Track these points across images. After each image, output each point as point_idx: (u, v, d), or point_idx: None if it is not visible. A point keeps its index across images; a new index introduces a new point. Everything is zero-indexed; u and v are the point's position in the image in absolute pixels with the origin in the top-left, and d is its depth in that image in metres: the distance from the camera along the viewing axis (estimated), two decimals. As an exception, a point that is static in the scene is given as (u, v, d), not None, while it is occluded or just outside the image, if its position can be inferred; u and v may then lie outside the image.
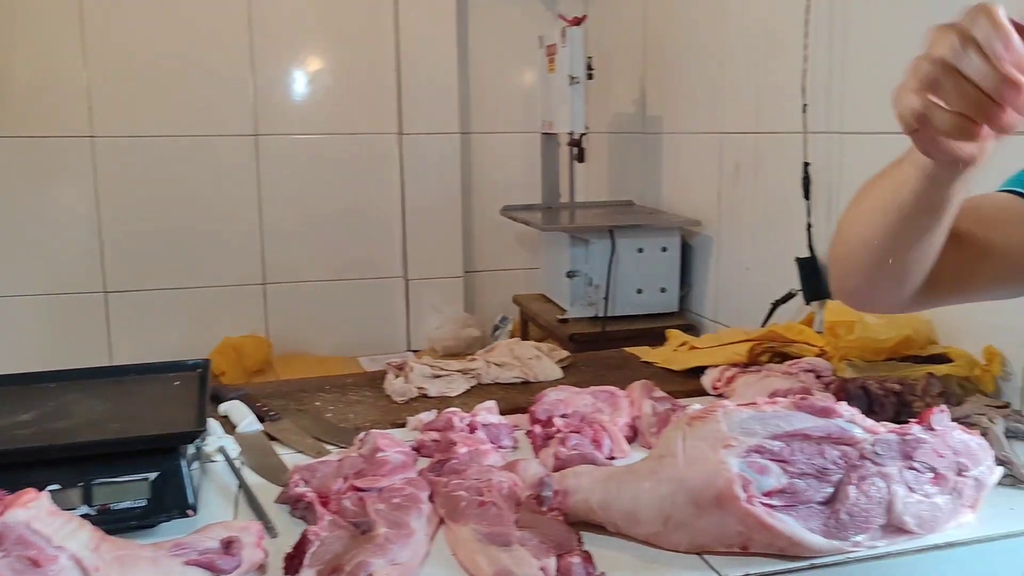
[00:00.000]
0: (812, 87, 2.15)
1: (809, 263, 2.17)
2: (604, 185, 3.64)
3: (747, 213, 2.54)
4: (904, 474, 1.15)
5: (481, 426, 1.49)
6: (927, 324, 1.83)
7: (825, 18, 2.11)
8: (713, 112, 2.69)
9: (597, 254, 2.76)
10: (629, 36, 3.29)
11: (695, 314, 2.88)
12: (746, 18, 2.51)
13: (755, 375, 1.72)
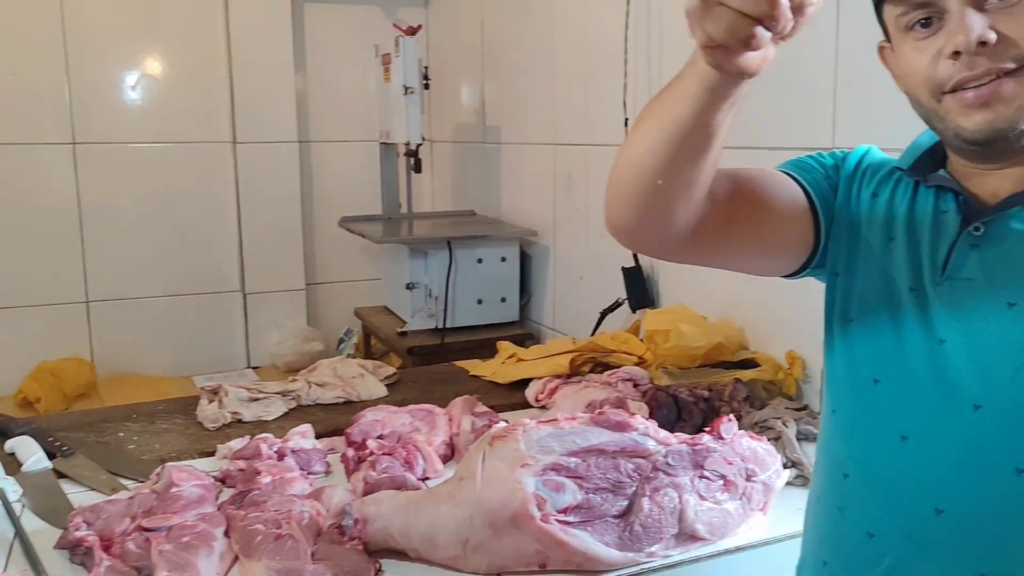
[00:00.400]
0: (633, 102, 2.21)
1: (634, 272, 2.23)
2: (449, 194, 3.63)
3: (579, 223, 2.59)
4: (696, 483, 1.19)
5: (291, 452, 1.44)
6: (738, 331, 1.91)
7: (644, 35, 2.18)
8: (547, 123, 2.73)
9: (436, 265, 2.74)
10: (468, 46, 3.30)
11: (535, 323, 2.91)
12: (573, 32, 2.56)
13: (575, 386, 1.75)
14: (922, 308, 0.84)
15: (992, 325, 0.80)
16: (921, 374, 0.83)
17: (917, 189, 0.90)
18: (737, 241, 0.92)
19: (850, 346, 0.91)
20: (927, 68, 0.79)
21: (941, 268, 0.84)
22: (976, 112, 0.77)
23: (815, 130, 1.69)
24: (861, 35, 1.59)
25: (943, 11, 0.77)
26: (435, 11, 3.65)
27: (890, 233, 0.90)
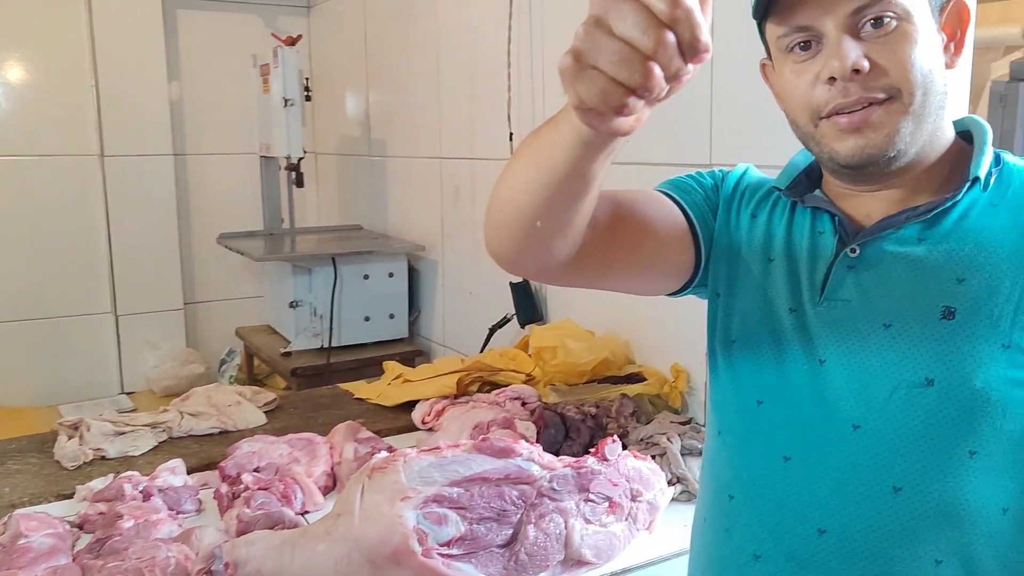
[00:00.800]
0: (518, 116, 2.20)
1: (522, 288, 2.22)
2: (334, 208, 3.54)
3: (467, 237, 2.57)
4: (581, 507, 1.18)
5: (159, 491, 1.35)
6: (624, 345, 1.93)
7: (526, 51, 2.18)
8: (433, 136, 2.69)
9: (321, 282, 2.66)
10: (352, 56, 3.22)
11: (425, 339, 2.87)
12: (457, 45, 2.53)
13: (462, 407, 1.72)
14: (802, 329, 0.85)
15: (869, 346, 0.81)
16: (802, 395, 0.84)
17: (794, 209, 0.92)
18: (618, 265, 0.91)
19: (733, 368, 0.91)
20: (805, 92, 0.80)
21: (820, 289, 0.85)
22: (849, 138, 0.79)
23: (693, 147, 1.72)
24: (734, 54, 1.63)
25: (821, 35, 0.78)
26: (316, 20, 3.56)
27: (769, 254, 0.91)
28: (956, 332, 0.77)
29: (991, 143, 0.84)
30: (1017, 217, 0.80)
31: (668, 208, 0.93)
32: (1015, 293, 0.77)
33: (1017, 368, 0.76)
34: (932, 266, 0.80)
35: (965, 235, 0.80)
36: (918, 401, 0.78)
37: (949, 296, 0.78)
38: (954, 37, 0.82)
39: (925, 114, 0.78)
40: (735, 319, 0.92)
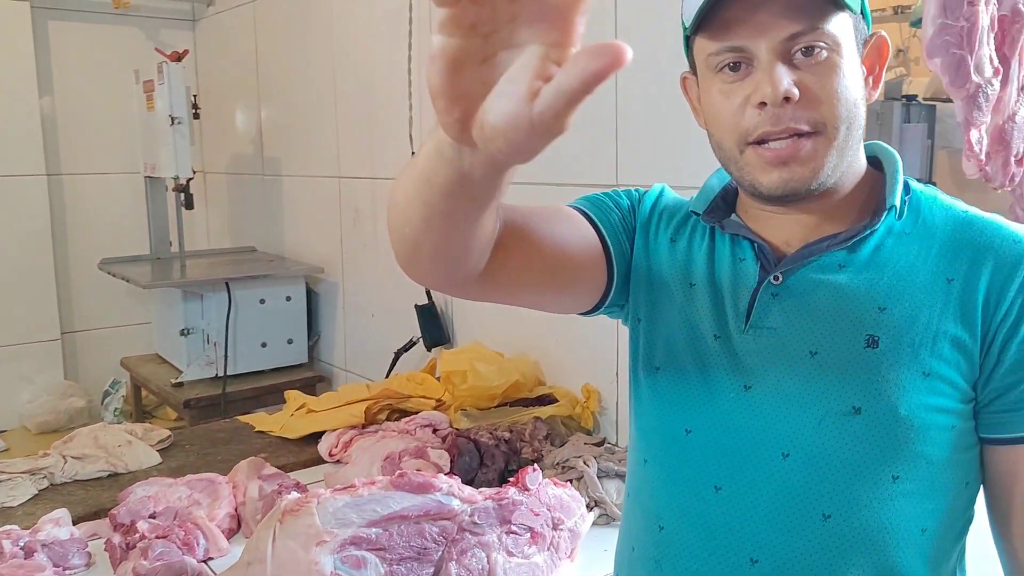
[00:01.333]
0: (419, 135, 2.17)
1: (428, 310, 2.18)
2: (226, 230, 3.40)
3: (369, 259, 2.51)
4: (504, 539, 1.15)
5: (42, 546, 1.24)
6: (535, 366, 1.91)
7: (427, 69, 2.14)
8: (331, 155, 2.62)
9: (214, 308, 2.54)
10: (242, 72, 3.11)
11: (326, 364, 2.78)
12: (354, 62, 2.48)
13: (372, 437, 1.66)
14: (728, 356, 0.85)
15: (797, 374, 0.81)
16: (731, 423, 0.84)
17: (714, 234, 0.91)
18: (530, 283, 0.88)
19: (659, 395, 0.90)
20: (734, 114, 0.80)
21: (745, 317, 0.85)
22: (774, 171, 0.79)
23: (599, 167, 1.72)
24: (641, 72, 1.65)
25: (753, 58, 0.78)
26: (202, 34, 3.42)
27: (691, 279, 0.90)
28: (880, 361, 0.78)
29: (901, 171, 0.86)
30: (929, 246, 0.82)
31: (582, 226, 0.92)
32: (932, 322, 0.78)
33: (936, 395, 0.78)
34: (854, 294, 0.81)
35: (884, 264, 0.82)
36: (846, 429, 0.79)
37: (872, 325, 0.79)
38: (873, 71, 0.83)
39: (847, 147, 0.80)
40: (659, 345, 0.91)
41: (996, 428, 0.79)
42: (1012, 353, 0.77)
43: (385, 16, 2.27)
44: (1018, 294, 0.77)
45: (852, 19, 0.79)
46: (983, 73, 1.53)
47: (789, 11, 0.76)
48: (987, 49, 1.53)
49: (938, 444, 0.78)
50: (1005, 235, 0.80)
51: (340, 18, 2.50)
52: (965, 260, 0.80)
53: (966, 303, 0.78)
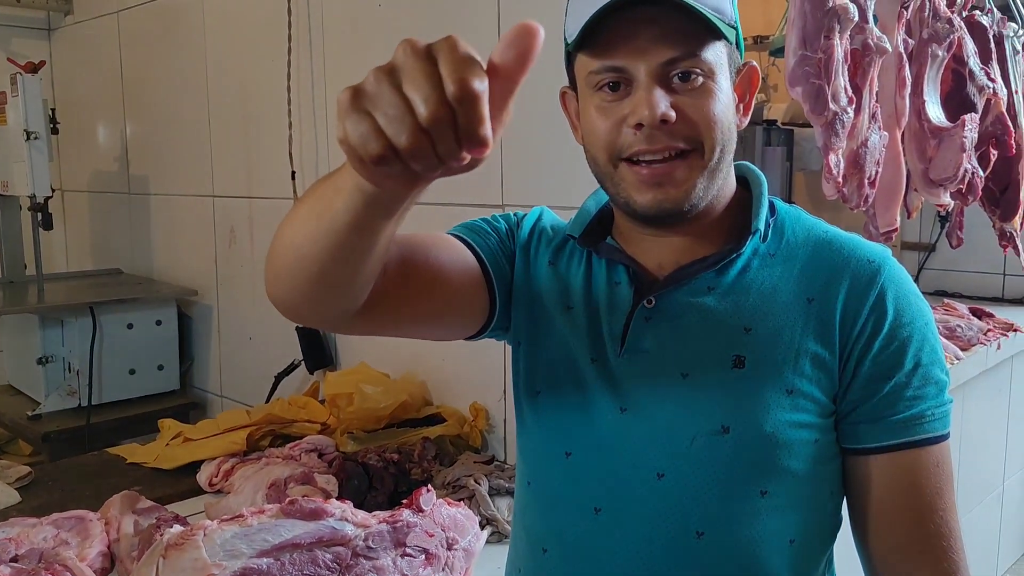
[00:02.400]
0: (299, 154, 2.13)
1: (310, 331, 2.13)
2: (88, 251, 3.21)
3: (246, 280, 2.43)
4: (399, 563, 1.13)
5: None
6: (421, 386, 1.90)
7: (307, 85, 2.11)
8: (204, 173, 2.53)
9: (76, 335, 2.39)
10: (105, 85, 2.96)
11: (200, 390, 2.66)
12: (229, 77, 2.41)
13: (254, 464, 1.60)
14: (605, 379, 0.87)
15: (669, 395, 0.84)
16: (608, 445, 0.85)
17: (590, 257, 0.93)
18: (411, 313, 0.88)
19: (540, 418, 0.91)
20: (610, 132, 0.82)
21: (620, 340, 0.87)
22: (649, 190, 0.81)
23: (484, 188, 1.74)
24: (523, 95, 1.68)
25: (632, 79, 0.80)
26: (59, 44, 3.23)
27: (568, 302, 0.92)
28: (746, 380, 0.82)
29: (766, 194, 0.90)
30: (791, 267, 0.86)
31: (461, 253, 0.92)
32: (794, 341, 0.83)
33: (799, 411, 0.82)
34: (721, 316, 0.85)
35: (749, 286, 0.86)
36: (716, 448, 0.82)
37: (738, 345, 0.83)
38: (744, 99, 0.88)
39: (719, 170, 0.83)
40: (539, 369, 0.92)
41: (852, 439, 0.85)
42: (866, 368, 0.83)
43: (262, 27, 2.21)
44: (871, 312, 0.83)
45: (727, 48, 0.83)
46: (839, 102, 1.64)
47: (668, 36, 0.79)
48: (842, 80, 1.65)
49: (802, 458, 0.83)
50: (860, 255, 0.86)
51: (213, 29, 2.42)
52: (823, 280, 0.85)
53: (825, 321, 0.83)
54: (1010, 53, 2.31)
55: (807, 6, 1.63)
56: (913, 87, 1.94)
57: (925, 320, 0.85)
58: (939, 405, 0.83)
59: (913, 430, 0.83)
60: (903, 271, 0.87)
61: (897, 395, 0.82)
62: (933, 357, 0.84)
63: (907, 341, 0.83)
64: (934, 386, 0.83)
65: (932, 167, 1.96)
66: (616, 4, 0.77)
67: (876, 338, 0.82)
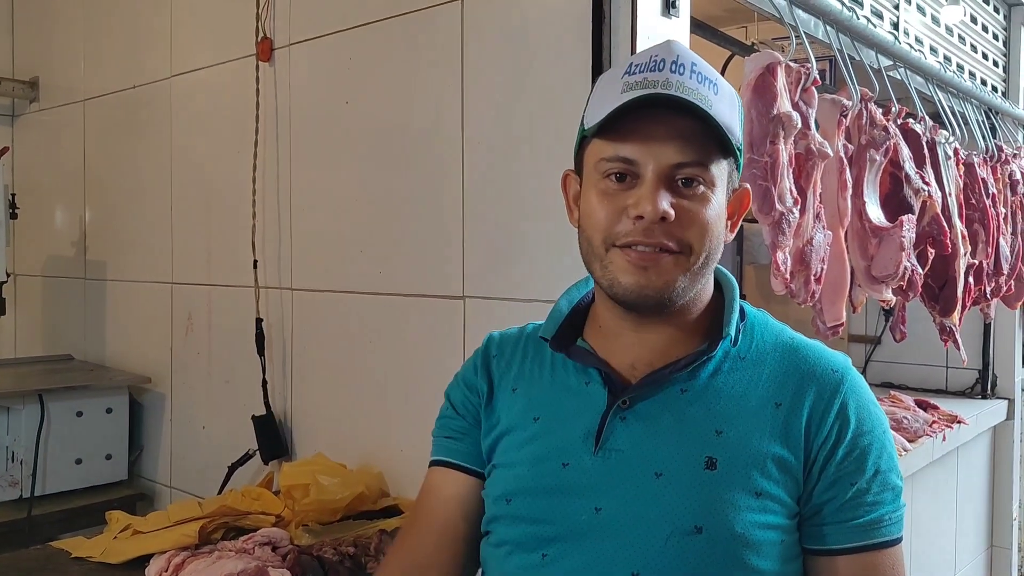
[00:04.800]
0: (262, 243, 2.15)
1: (266, 421, 2.11)
2: (38, 337, 3.15)
3: (202, 368, 2.40)
4: (356, 660, 1.11)
5: None
6: (378, 477, 1.88)
7: (272, 176, 2.15)
8: (163, 260, 2.53)
9: (23, 423, 2.33)
10: (67, 171, 2.96)
11: (148, 480, 2.59)
12: (193, 167, 2.44)
13: (206, 558, 1.56)
14: (579, 480, 0.89)
15: (643, 495, 0.86)
16: (584, 545, 0.87)
17: (554, 361, 0.97)
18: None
19: (512, 527, 0.93)
20: (609, 218, 0.87)
21: (595, 439, 0.89)
22: (635, 273, 0.86)
23: (446, 280, 1.77)
24: (486, 186, 1.74)
25: (640, 174, 0.85)
26: (24, 130, 3.25)
27: (535, 414, 0.95)
28: (718, 482, 0.85)
29: (738, 299, 0.96)
30: (760, 372, 0.91)
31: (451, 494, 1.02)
32: (763, 444, 0.87)
33: (767, 513, 0.85)
34: (694, 418, 0.88)
35: (721, 388, 0.90)
36: (689, 548, 0.84)
37: (711, 447, 0.87)
38: (732, 217, 0.94)
39: (701, 274, 0.88)
40: (511, 481, 0.94)
41: (817, 540, 0.88)
42: (830, 473, 0.87)
43: (229, 119, 2.26)
44: (835, 420, 0.87)
45: (729, 167, 0.89)
46: (785, 203, 1.73)
47: (683, 142, 0.84)
48: (787, 182, 1.74)
49: (770, 557, 0.86)
50: (824, 364, 0.91)
51: (180, 119, 2.46)
52: (791, 386, 0.89)
53: (791, 427, 0.87)
54: (943, 158, 2.46)
55: (754, 113, 1.73)
56: (854, 189, 2.05)
57: (883, 429, 0.90)
58: (895, 510, 0.88)
59: (873, 533, 0.87)
60: (863, 381, 0.92)
61: (859, 500, 0.87)
62: (891, 464, 0.89)
63: (868, 449, 0.87)
64: (891, 491, 0.88)
65: (874, 264, 2.05)
66: (643, 101, 0.83)
67: (840, 445, 0.87)
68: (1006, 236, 2.89)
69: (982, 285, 2.73)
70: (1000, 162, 2.94)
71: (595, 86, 0.91)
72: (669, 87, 0.84)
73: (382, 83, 1.90)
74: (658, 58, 0.86)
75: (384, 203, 1.91)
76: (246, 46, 2.18)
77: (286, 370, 2.13)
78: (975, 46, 3.13)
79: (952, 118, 2.61)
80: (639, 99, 0.83)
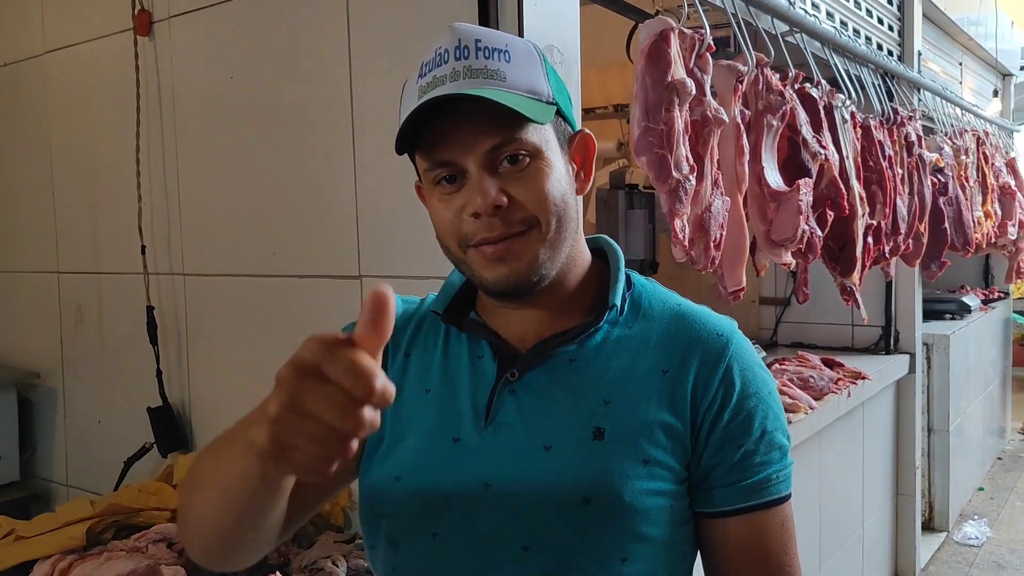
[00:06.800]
0: (150, 228, 2.05)
1: (163, 412, 2.02)
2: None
3: (95, 361, 2.29)
4: (244, 660, 1.07)
5: None
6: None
7: (158, 157, 2.04)
8: (47, 248, 2.39)
9: (-102, 427, 2.18)
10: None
11: (43, 480, 2.47)
12: (73, 149, 2.30)
13: (95, 560, 1.49)
14: (469, 456, 0.87)
15: (533, 468, 0.85)
16: (475, 522, 0.85)
17: (449, 334, 0.94)
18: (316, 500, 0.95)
19: (404, 504, 0.90)
20: (453, 223, 0.85)
21: (484, 414, 0.87)
22: (495, 266, 0.84)
23: (342, 259, 1.72)
24: (378, 166, 1.68)
25: (464, 171, 0.83)
26: None
27: (427, 385, 0.92)
28: (605, 452, 0.84)
29: (623, 268, 0.94)
30: (647, 339, 0.90)
31: None
32: (650, 412, 0.86)
33: (655, 480, 0.85)
34: (582, 388, 0.87)
35: (608, 358, 0.89)
36: (577, 519, 0.83)
37: (599, 417, 0.85)
38: (583, 165, 0.92)
39: (560, 240, 0.86)
40: (401, 456, 0.91)
41: (707, 503, 0.88)
42: (717, 437, 0.86)
43: (109, 96, 2.14)
44: (720, 384, 0.87)
45: (552, 123, 0.87)
46: (681, 170, 1.73)
47: (488, 126, 0.82)
48: (683, 149, 1.74)
49: (659, 524, 0.85)
50: (710, 328, 0.90)
51: (57, 96, 2.32)
52: (678, 353, 0.88)
53: (677, 393, 0.87)
54: (840, 121, 2.51)
55: (648, 80, 1.72)
56: (752, 155, 2.06)
57: (768, 390, 0.90)
58: (782, 468, 0.89)
59: (761, 493, 0.87)
60: (748, 344, 0.92)
61: (747, 461, 0.87)
62: (776, 424, 0.89)
63: (754, 411, 0.87)
64: (778, 451, 0.89)
65: (773, 229, 2.07)
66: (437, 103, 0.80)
67: (725, 408, 0.86)
68: (903, 196, 2.98)
69: (881, 245, 2.80)
70: (896, 124, 3.02)
71: (401, 98, 0.89)
72: (457, 77, 0.82)
73: (266, 56, 1.82)
74: (442, 50, 0.85)
75: (275, 181, 1.83)
76: (123, 19, 2.06)
77: (182, 359, 2.04)
78: (871, 11, 3.19)
79: (849, 82, 2.66)
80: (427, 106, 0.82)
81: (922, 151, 3.19)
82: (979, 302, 4.86)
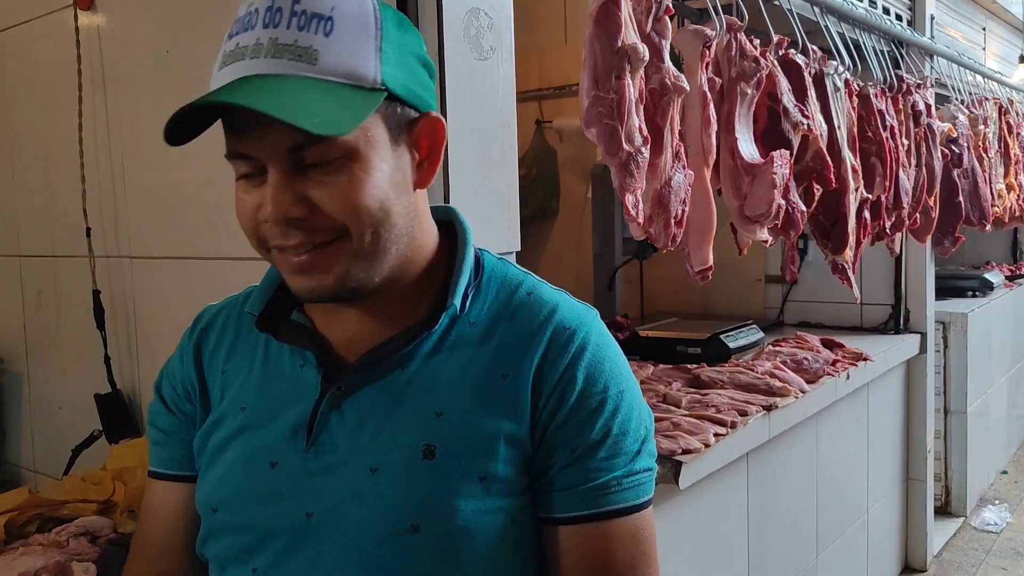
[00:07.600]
0: (95, 210, 1.99)
1: (111, 398, 1.97)
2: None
3: (54, 346, 2.25)
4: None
5: None
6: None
7: (103, 137, 1.98)
8: (9, 230, 2.35)
9: None
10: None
11: (13, 466, 2.45)
12: (32, 127, 2.25)
13: (9, 555, 1.44)
14: (288, 483, 0.78)
15: (357, 495, 0.75)
16: (296, 556, 0.77)
17: (269, 340, 0.84)
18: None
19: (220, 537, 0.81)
20: (250, 222, 0.74)
21: (306, 434, 0.78)
22: (298, 277, 0.74)
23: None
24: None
25: (265, 168, 0.72)
26: None
27: (242, 403, 0.83)
28: (436, 472, 0.74)
29: (471, 254, 0.83)
30: (488, 340, 0.79)
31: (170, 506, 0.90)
32: (487, 422, 0.75)
33: (492, 496, 0.75)
34: (412, 401, 0.77)
35: (443, 364, 0.78)
36: (405, 550, 0.74)
37: (429, 432, 0.75)
38: (429, 153, 0.79)
39: (379, 250, 0.74)
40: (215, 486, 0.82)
41: (545, 508, 0.79)
42: (553, 438, 0.76)
43: (58, 72, 2.07)
44: (559, 381, 0.76)
45: (381, 113, 0.73)
46: (634, 142, 1.61)
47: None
48: (636, 119, 1.62)
49: (496, 541, 0.76)
50: (557, 320, 0.79)
51: (9, 77, 2.27)
52: (519, 351, 0.77)
53: (518, 396, 0.76)
54: (831, 90, 2.36)
55: (597, 47, 1.60)
56: (725, 125, 1.94)
57: (620, 388, 0.78)
58: (628, 475, 0.77)
59: (599, 500, 0.76)
60: (604, 336, 0.80)
61: (581, 464, 0.76)
62: (627, 427, 0.78)
63: (596, 411, 0.77)
64: (624, 456, 0.77)
65: (747, 204, 1.95)
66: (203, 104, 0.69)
67: (562, 407, 0.76)
68: (908, 169, 2.81)
69: (881, 220, 2.65)
70: (901, 92, 2.85)
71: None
72: (260, 53, 0.69)
73: (201, 28, 1.74)
74: (253, 8, 0.72)
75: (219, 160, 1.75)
76: (65, -7, 1.99)
77: (131, 345, 1.99)
78: (876, -27, 3.01)
79: (844, 48, 2.50)
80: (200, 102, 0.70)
81: (931, 120, 3.02)
82: (1003, 278, 4.64)
